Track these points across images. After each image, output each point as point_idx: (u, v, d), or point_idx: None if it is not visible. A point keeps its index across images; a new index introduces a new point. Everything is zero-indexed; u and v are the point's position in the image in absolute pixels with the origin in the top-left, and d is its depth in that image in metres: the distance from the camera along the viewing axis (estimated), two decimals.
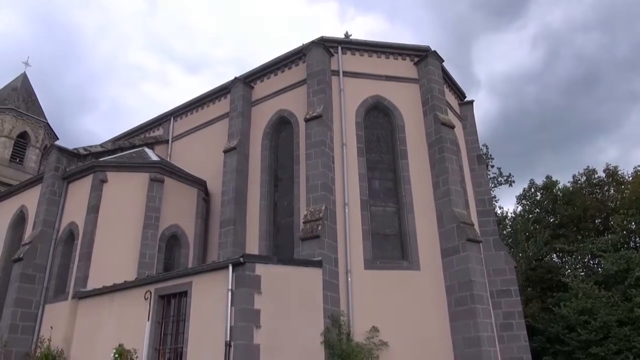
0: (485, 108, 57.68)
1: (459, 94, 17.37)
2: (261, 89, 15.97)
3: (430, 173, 13.53)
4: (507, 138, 57.87)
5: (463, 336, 11.31)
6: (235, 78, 16.14)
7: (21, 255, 13.59)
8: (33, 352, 12.32)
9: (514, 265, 14.67)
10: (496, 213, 25.16)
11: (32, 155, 26.55)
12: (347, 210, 12.65)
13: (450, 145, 13.64)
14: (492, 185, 28.51)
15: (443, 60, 15.42)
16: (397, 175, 13.70)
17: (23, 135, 26.50)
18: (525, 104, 63.44)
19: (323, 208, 12.01)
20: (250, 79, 16.22)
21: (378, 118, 14.55)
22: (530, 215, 27.16)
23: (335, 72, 14.44)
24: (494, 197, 27.31)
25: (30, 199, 15.71)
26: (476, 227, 13.97)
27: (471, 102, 17.44)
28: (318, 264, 11.18)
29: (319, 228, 11.58)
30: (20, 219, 16.21)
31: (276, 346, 9.34)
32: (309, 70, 14.24)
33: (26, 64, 29.58)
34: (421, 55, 15.14)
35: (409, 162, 13.69)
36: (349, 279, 11.86)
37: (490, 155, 29.72)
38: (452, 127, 14.10)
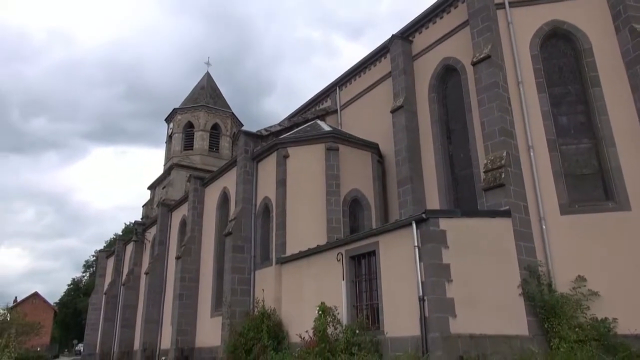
0: None
1: None
2: (421, 41, 15.40)
3: (632, 98, 11.55)
4: None
5: None
6: (393, 35, 15.82)
7: (230, 230, 15.64)
8: (252, 311, 14.19)
9: None
10: None
11: (224, 143, 30.37)
12: (532, 154, 11.62)
13: None
14: None
15: None
16: (589, 107, 12.03)
17: (215, 127, 30.48)
18: None
19: (504, 154, 11.20)
20: (407, 33, 15.75)
21: (558, 46, 12.87)
22: None
23: (500, 5, 13.11)
24: None
25: (230, 181, 17.92)
26: None
27: None
28: (506, 214, 10.55)
29: (503, 176, 10.86)
30: (224, 199, 18.63)
31: (471, 299, 9.15)
32: (470, 9, 13.19)
33: (207, 63, 33.61)
34: None
35: (603, 90, 11.89)
36: (544, 227, 10.97)
37: None
38: None
